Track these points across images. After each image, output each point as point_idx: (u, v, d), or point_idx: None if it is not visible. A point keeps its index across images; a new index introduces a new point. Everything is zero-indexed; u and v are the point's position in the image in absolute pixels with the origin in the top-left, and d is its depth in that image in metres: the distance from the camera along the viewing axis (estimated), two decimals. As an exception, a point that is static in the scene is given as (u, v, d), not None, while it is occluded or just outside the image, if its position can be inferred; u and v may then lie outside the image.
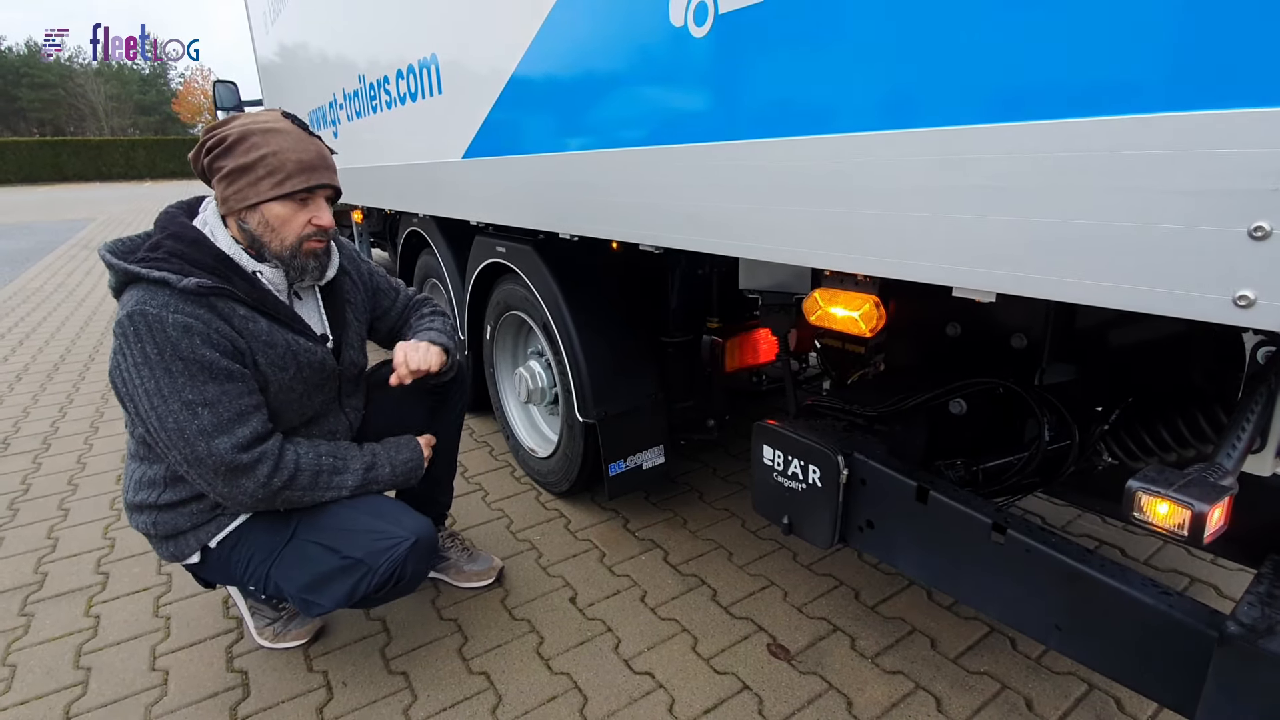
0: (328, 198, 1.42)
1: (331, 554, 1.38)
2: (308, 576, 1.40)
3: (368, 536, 1.39)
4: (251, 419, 1.32)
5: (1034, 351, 1.39)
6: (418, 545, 1.41)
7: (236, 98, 5.73)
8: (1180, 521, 0.78)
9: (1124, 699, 1.50)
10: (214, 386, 1.27)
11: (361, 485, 1.47)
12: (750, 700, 1.53)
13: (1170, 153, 0.69)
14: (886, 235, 0.98)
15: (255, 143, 1.30)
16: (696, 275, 2.07)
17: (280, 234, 1.35)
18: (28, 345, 4.77)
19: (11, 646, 1.74)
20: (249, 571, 1.45)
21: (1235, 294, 0.67)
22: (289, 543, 1.42)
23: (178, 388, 1.24)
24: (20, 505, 2.49)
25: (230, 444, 1.27)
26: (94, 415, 3.39)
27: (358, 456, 1.49)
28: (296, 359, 1.40)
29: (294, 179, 1.32)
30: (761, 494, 1.47)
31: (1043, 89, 0.78)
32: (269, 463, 1.33)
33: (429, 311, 1.79)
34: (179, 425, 1.25)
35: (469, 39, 2.03)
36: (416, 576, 1.44)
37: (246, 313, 1.33)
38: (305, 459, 1.40)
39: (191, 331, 1.24)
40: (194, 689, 1.59)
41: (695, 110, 1.28)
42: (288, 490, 1.36)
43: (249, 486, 1.31)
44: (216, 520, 1.43)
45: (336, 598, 1.38)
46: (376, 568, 1.36)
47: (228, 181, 1.32)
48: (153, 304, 1.23)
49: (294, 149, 1.32)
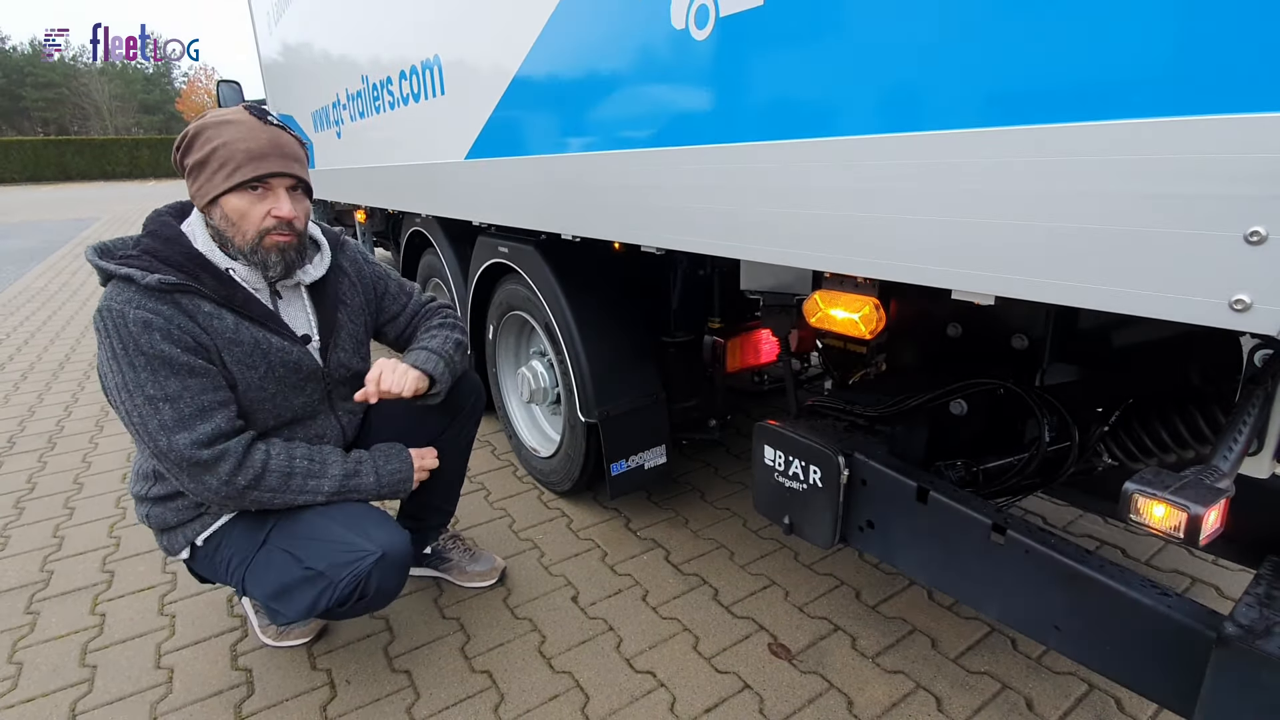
0: (292, 188, 1.38)
1: (296, 563, 1.35)
2: (274, 585, 1.37)
3: (333, 547, 1.35)
4: (214, 415, 1.30)
5: (1035, 352, 1.39)
6: (384, 560, 1.34)
7: (240, 97, 5.72)
8: (1176, 524, 0.78)
9: (1124, 699, 1.51)
10: (175, 381, 1.26)
11: (339, 492, 1.43)
12: (751, 699, 1.53)
13: (1167, 157, 0.69)
14: (886, 238, 0.99)
15: (209, 136, 1.30)
16: (698, 276, 2.07)
17: (240, 228, 1.33)
18: (33, 344, 4.79)
19: (18, 644, 1.76)
20: (229, 573, 1.44)
21: (1232, 298, 0.67)
22: (261, 548, 1.41)
23: (140, 382, 1.24)
24: (26, 504, 2.51)
25: (189, 440, 1.26)
26: (99, 414, 3.41)
27: (338, 463, 1.46)
28: (267, 358, 1.38)
29: (243, 169, 1.30)
30: (763, 494, 1.47)
31: (1040, 93, 0.79)
32: (231, 460, 1.30)
33: (438, 324, 1.70)
34: (143, 420, 1.25)
35: (472, 41, 2.03)
36: (383, 593, 1.38)
37: (212, 309, 1.32)
38: (276, 460, 1.37)
39: (151, 327, 1.24)
40: (199, 686, 1.60)
41: (696, 112, 1.28)
42: (255, 490, 1.34)
43: (212, 483, 1.30)
44: (201, 519, 1.43)
45: (299, 609, 1.35)
46: (338, 581, 1.31)
47: (192, 178, 1.33)
48: (117, 300, 1.25)
49: (244, 139, 1.30)
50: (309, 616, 1.37)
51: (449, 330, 1.68)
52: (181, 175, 1.37)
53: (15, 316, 5.68)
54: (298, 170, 1.38)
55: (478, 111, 2.03)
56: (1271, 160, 0.63)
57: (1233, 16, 0.64)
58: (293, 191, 1.38)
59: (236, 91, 5.75)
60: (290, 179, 1.37)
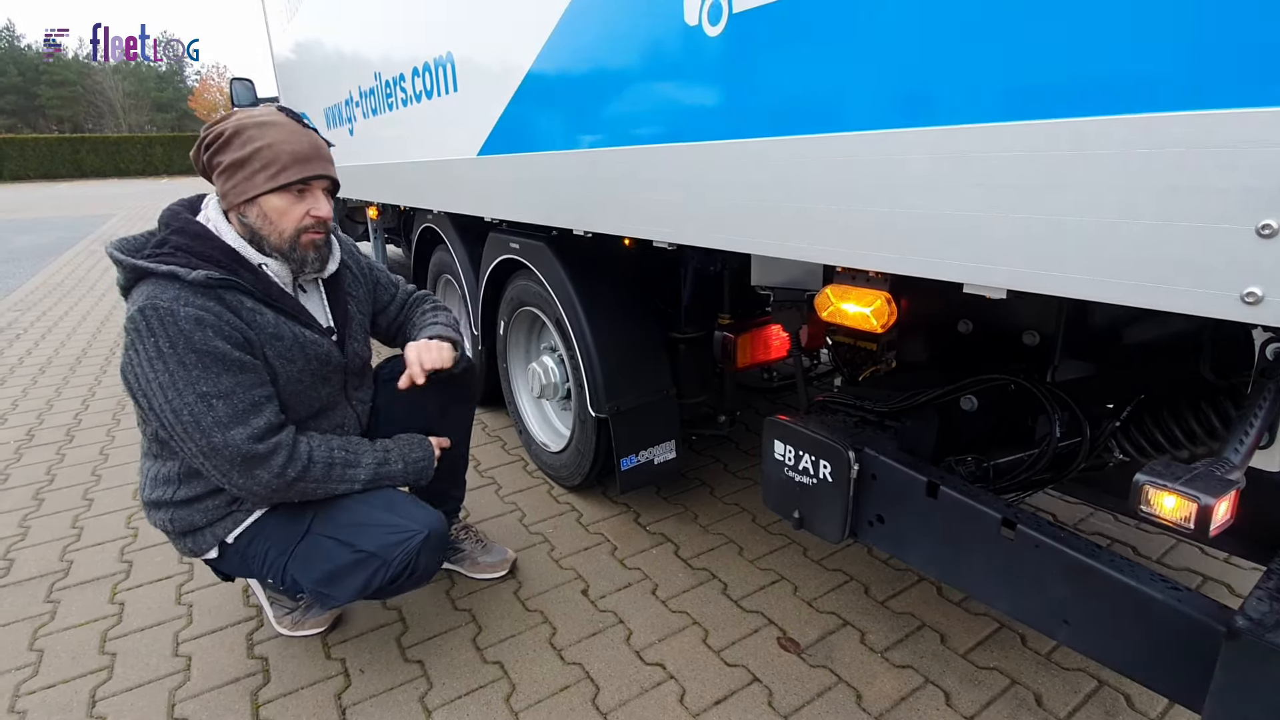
0: (325, 189, 1.44)
1: (346, 548, 1.40)
2: (323, 570, 1.42)
3: (381, 530, 1.41)
4: (265, 410, 1.34)
5: (1046, 348, 1.39)
6: (430, 538, 1.42)
7: (253, 95, 5.77)
8: (1186, 514, 0.78)
9: (1133, 695, 1.51)
10: (228, 378, 1.29)
11: (373, 479, 1.49)
12: (760, 692, 1.54)
13: (1179, 151, 0.70)
14: (898, 232, 0.99)
15: (250, 136, 1.33)
16: (709, 271, 2.08)
17: (278, 226, 1.37)
18: (50, 339, 4.85)
19: (39, 632, 1.79)
20: (266, 566, 1.47)
21: (1243, 291, 0.68)
22: (304, 537, 1.44)
23: (192, 380, 1.25)
24: (45, 495, 2.55)
25: (246, 434, 1.29)
26: (116, 408, 3.45)
27: (369, 451, 1.51)
28: (304, 351, 1.43)
29: (289, 170, 1.34)
30: (772, 489, 1.48)
31: (1053, 87, 0.79)
32: (284, 453, 1.35)
33: (430, 307, 1.81)
34: (194, 417, 1.26)
35: (484, 37, 2.05)
36: (429, 569, 1.46)
37: (253, 305, 1.36)
38: (318, 451, 1.42)
39: (204, 324, 1.26)
40: (216, 674, 1.63)
41: (709, 108, 1.29)
42: (301, 482, 1.38)
43: (264, 477, 1.33)
44: (233, 516, 1.45)
45: (351, 591, 1.40)
46: (390, 561, 1.38)
47: (226, 176, 1.35)
48: (164, 298, 1.25)
49: (288, 141, 1.34)
50: (359, 598, 1.42)
51: (445, 312, 1.80)
52: (204, 173, 1.39)
53: (33, 311, 5.76)
54: (333, 172, 1.45)
55: (490, 108, 2.04)
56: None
57: (1244, 10, 0.65)
58: (325, 192, 1.44)
59: (249, 89, 5.78)
60: (328, 181, 1.43)
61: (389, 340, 1.81)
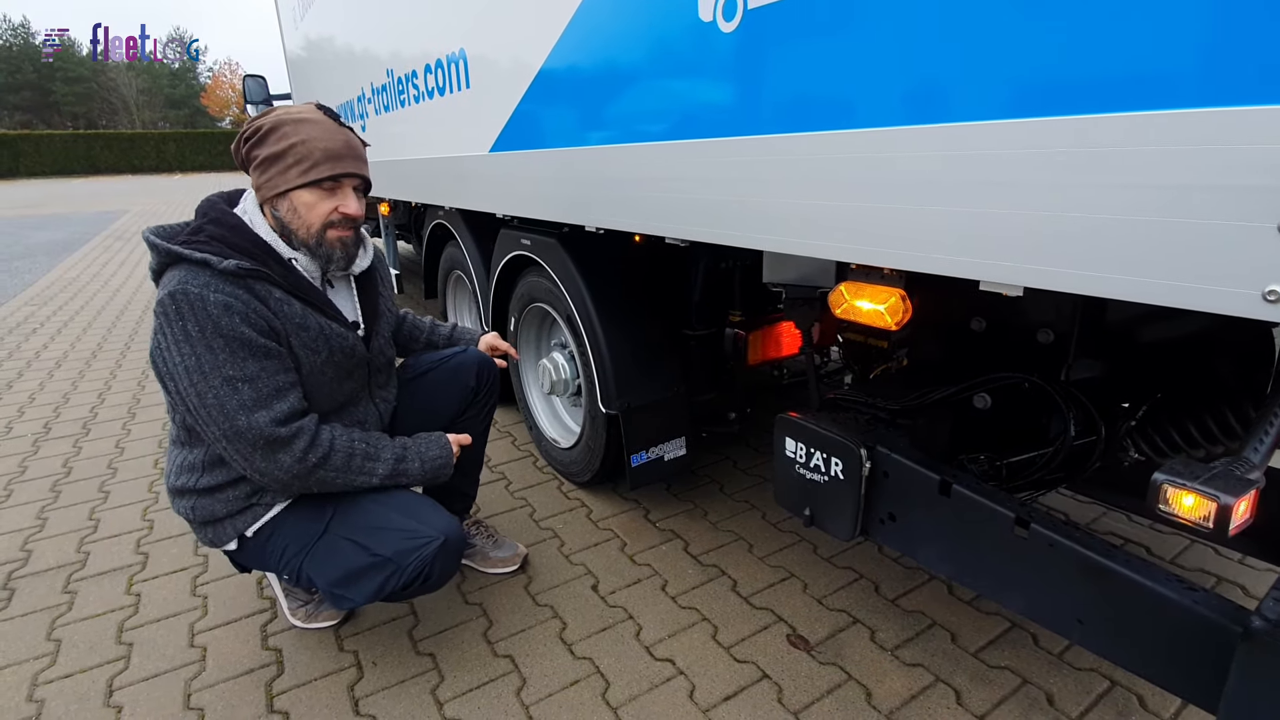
0: (356, 187, 1.45)
1: (362, 551, 1.41)
2: (338, 571, 1.43)
3: (398, 535, 1.42)
4: (289, 395, 1.36)
5: (1061, 347, 1.38)
6: (446, 545, 1.42)
7: (265, 92, 5.81)
8: (1206, 514, 0.78)
9: (1146, 695, 1.50)
10: (253, 363, 1.31)
11: (391, 475, 1.49)
12: (770, 689, 1.55)
13: (1199, 148, 0.69)
14: (913, 229, 0.99)
15: (286, 132, 1.35)
16: (720, 268, 2.08)
17: (306, 220, 1.39)
18: (66, 333, 4.91)
19: (56, 622, 1.82)
20: (283, 562, 1.48)
21: (1265, 289, 0.67)
22: (322, 537, 1.45)
23: (218, 364, 1.28)
24: (62, 487, 2.58)
25: (269, 418, 1.31)
26: (131, 402, 3.49)
27: (389, 446, 1.52)
28: (329, 343, 1.44)
29: (320, 167, 1.36)
30: (783, 486, 1.48)
31: (1071, 84, 0.79)
32: (305, 438, 1.36)
33: (430, 320, 1.99)
34: (219, 400, 1.29)
35: (497, 34, 2.05)
36: (444, 575, 1.46)
37: (282, 295, 1.38)
38: (340, 440, 1.43)
39: (232, 310, 1.28)
40: (231, 665, 1.65)
41: (722, 104, 1.29)
42: (321, 469, 1.39)
43: (285, 461, 1.34)
44: (252, 509, 1.47)
45: (365, 593, 1.41)
46: (405, 566, 1.38)
47: (261, 169, 1.37)
48: (194, 283, 1.28)
49: (322, 138, 1.37)
50: (373, 601, 1.43)
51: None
52: (242, 165, 1.42)
53: (49, 306, 5.82)
54: (365, 171, 1.46)
55: (502, 105, 2.05)
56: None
57: (1261, 7, 0.64)
58: (356, 190, 1.46)
59: (262, 86, 5.83)
60: (358, 179, 1.45)
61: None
